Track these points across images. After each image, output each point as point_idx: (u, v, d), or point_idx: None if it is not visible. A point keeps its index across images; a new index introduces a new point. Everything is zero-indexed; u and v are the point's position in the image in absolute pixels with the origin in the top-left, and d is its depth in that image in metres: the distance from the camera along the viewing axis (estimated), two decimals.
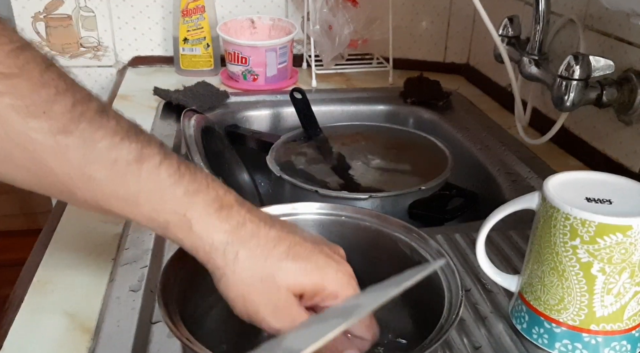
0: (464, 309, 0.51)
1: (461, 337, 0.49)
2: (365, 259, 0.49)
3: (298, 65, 1.22)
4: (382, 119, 1.06)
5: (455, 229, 0.66)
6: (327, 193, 0.72)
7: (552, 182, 0.47)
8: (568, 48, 0.86)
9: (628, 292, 0.45)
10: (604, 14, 0.78)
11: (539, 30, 0.79)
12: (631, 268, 0.44)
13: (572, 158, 0.86)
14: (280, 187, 0.77)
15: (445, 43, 1.24)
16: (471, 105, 1.07)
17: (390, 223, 0.48)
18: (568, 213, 0.44)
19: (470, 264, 0.59)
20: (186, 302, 0.42)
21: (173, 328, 0.37)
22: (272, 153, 0.83)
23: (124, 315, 0.50)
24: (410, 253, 0.47)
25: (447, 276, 0.42)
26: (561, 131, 0.80)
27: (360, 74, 1.20)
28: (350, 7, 1.11)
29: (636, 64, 0.72)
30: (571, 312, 0.46)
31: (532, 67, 0.81)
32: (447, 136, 0.95)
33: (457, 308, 0.39)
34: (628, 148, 0.75)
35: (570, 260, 0.45)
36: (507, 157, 0.85)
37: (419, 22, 1.24)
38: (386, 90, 1.12)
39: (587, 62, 0.70)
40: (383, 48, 1.17)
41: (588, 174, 0.49)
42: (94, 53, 1.24)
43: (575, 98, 0.71)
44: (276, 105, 1.04)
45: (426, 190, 0.73)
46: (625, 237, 0.43)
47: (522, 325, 0.50)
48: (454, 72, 1.24)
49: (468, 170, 0.87)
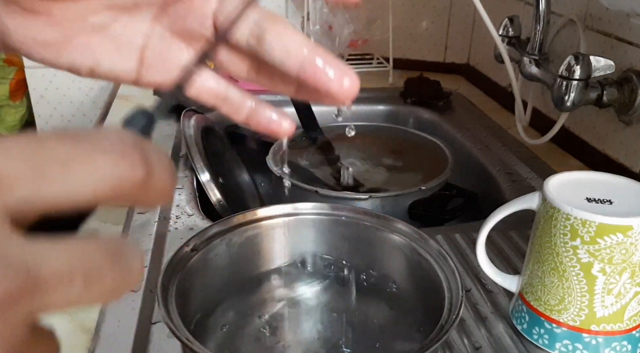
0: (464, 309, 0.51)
1: (461, 337, 0.49)
2: (365, 259, 0.49)
3: None
4: (382, 119, 1.06)
5: (455, 229, 0.66)
6: (327, 193, 0.72)
7: (552, 182, 0.47)
8: (568, 48, 0.86)
9: (628, 293, 0.45)
10: (604, 14, 0.78)
11: (539, 30, 0.79)
12: (632, 268, 0.44)
13: (572, 158, 0.86)
14: (280, 187, 0.77)
15: (445, 43, 1.24)
16: (471, 105, 1.07)
17: (390, 223, 0.48)
18: (568, 213, 0.44)
19: (470, 264, 0.59)
20: (186, 302, 0.42)
21: (173, 328, 0.36)
22: (272, 153, 0.83)
23: (124, 315, 0.50)
24: (410, 253, 0.47)
25: (447, 276, 0.42)
26: (561, 131, 0.80)
27: (360, 74, 1.18)
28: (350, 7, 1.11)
29: (636, 64, 0.72)
30: (572, 312, 0.46)
31: (532, 67, 0.81)
32: (447, 136, 0.95)
33: (457, 309, 0.38)
34: (628, 148, 0.75)
35: (570, 260, 0.45)
36: (507, 157, 0.85)
37: (419, 22, 1.24)
38: (386, 90, 1.12)
39: (587, 62, 0.70)
40: (383, 48, 1.17)
41: (588, 174, 0.49)
42: None
43: (576, 98, 0.71)
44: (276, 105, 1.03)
45: (426, 190, 0.73)
46: (625, 237, 0.43)
47: (523, 325, 0.50)
48: (454, 72, 1.24)
49: (468, 170, 0.87)
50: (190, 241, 0.44)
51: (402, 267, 0.48)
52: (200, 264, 0.44)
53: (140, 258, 0.18)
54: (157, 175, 0.18)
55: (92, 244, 0.17)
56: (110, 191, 0.17)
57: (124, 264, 0.18)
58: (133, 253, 0.18)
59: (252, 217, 0.48)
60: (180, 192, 0.72)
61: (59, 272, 0.16)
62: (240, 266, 0.48)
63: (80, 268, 0.16)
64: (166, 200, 0.20)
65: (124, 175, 0.17)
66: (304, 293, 0.51)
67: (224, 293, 0.47)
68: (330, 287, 0.50)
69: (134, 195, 0.18)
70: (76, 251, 0.16)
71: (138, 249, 0.19)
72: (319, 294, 0.51)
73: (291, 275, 0.50)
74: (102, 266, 0.17)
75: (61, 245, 0.16)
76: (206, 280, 0.45)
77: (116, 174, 0.17)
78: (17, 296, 0.15)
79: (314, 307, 0.50)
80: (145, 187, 0.18)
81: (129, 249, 0.18)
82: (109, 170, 0.17)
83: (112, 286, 0.17)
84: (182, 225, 0.65)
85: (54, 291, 0.15)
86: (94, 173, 0.17)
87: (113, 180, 0.17)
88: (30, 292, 0.15)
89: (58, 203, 0.17)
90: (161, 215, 0.67)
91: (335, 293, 0.50)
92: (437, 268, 0.43)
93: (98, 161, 0.17)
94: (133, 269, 0.18)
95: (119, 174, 0.17)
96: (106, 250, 0.17)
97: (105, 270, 0.17)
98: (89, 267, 0.16)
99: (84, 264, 0.16)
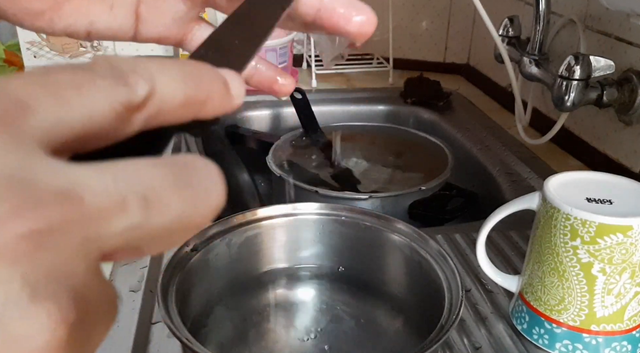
0: (464, 309, 0.51)
1: (461, 338, 0.49)
2: (365, 259, 0.49)
3: (298, 66, 1.22)
4: (382, 119, 1.06)
5: (455, 229, 0.66)
6: (327, 193, 0.72)
7: (552, 182, 0.47)
8: (568, 48, 0.86)
9: (628, 293, 0.45)
10: (604, 14, 0.78)
11: (539, 30, 0.79)
12: (632, 268, 0.44)
13: (572, 158, 0.86)
14: (280, 187, 0.77)
15: (445, 43, 1.24)
16: (471, 105, 1.07)
17: (390, 223, 0.48)
18: (568, 213, 0.44)
19: (470, 264, 0.59)
20: (186, 302, 0.42)
21: (173, 328, 0.36)
22: (272, 153, 0.83)
23: (124, 315, 0.50)
24: (410, 253, 0.47)
25: (447, 276, 0.42)
26: (561, 131, 0.80)
27: (360, 74, 1.20)
28: None
29: (636, 64, 0.72)
30: (572, 312, 0.46)
31: (532, 67, 0.81)
32: (447, 136, 0.95)
33: (457, 309, 0.38)
34: (628, 148, 0.75)
35: (570, 260, 0.45)
36: (507, 157, 0.85)
37: (419, 22, 1.24)
38: (386, 90, 1.12)
39: (587, 62, 0.70)
40: (383, 48, 1.17)
41: (588, 174, 0.49)
42: (93, 53, 1.24)
43: (576, 98, 0.71)
44: (276, 105, 1.04)
45: (426, 190, 0.73)
46: (625, 237, 0.43)
47: (523, 325, 0.50)
48: (454, 72, 1.24)
49: (468, 170, 0.87)
50: (190, 241, 0.44)
51: (402, 267, 0.48)
52: (200, 264, 0.44)
53: (216, 179, 0.16)
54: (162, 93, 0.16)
55: (146, 163, 0.15)
56: (125, 111, 0.15)
57: (195, 185, 0.15)
58: (207, 171, 0.16)
59: (252, 217, 0.48)
60: None
61: (106, 194, 0.13)
62: (240, 266, 0.48)
63: (133, 190, 0.14)
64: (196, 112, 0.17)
65: (127, 96, 0.15)
66: (303, 294, 0.51)
67: (224, 293, 0.47)
68: (330, 287, 0.50)
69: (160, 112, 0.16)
70: (127, 171, 0.14)
71: (214, 168, 0.16)
72: (318, 294, 0.51)
73: (291, 275, 0.50)
74: (162, 187, 0.14)
75: (107, 166, 0.14)
76: (206, 280, 0.45)
77: (120, 95, 0.15)
78: (62, 225, 0.13)
79: (314, 307, 0.50)
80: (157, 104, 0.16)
81: (201, 167, 0.16)
82: (113, 91, 0.15)
83: (183, 212, 0.15)
84: None
85: (105, 219, 0.13)
86: (105, 94, 0.15)
87: (117, 101, 0.15)
88: (77, 219, 0.13)
89: (84, 127, 0.15)
90: None
91: (335, 293, 0.50)
92: (437, 268, 0.43)
93: (103, 83, 0.15)
94: (209, 191, 0.15)
95: (121, 95, 0.15)
96: (167, 168, 0.15)
97: (168, 192, 0.14)
98: (144, 188, 0.14)
99: (138, 185, 0.14)
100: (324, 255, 0.50)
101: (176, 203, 0.15)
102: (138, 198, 0.14)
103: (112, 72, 0.15)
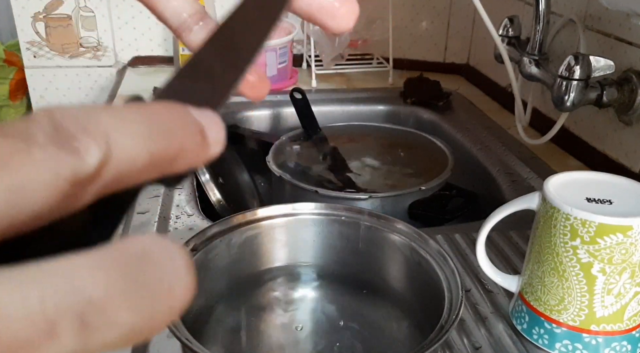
0: (464, 309, 0.51)
1: (461, 338, 0.49)
2: (365, 259, 0.49)
3: (298, 66, 1.22)
4: (382, 119, 1.06)
5: (455, 229, 0.66)
6: (327, 193, 0.72)
7: (552, 182, 0.47)
8: (568, 48, 0.86)
9: (628, 293, 0.45)
10: (604, 14, 0.78)
11: (539, 30, 0.79)
12: (631, 268, 0.44)
13: (572, 158, 0.86)
14: (280, 187, 0.77)
15: (445, 43, 1.24)
16: (471, 106, 1.07)
17: (390, 223, 0.48)
18: (568, 213, 0.44)
19: (470, 264, 0.59)
20: None
21: (173, 328, 0.36)
22: (272, 153, 0.83)
23: None
24: (410, 254, 0.47)
25: (447, 276, 0.42)
26: (561, 131, 0.80)
27: (360, 74, 1.20)
28: None
29: (636, 64, 0.72)
30: (571, 312, 0.46)
31: (532, 67, 0.81)
32: (447, 136, 0.95)
33: (457, 309, 0.38)
34: (628, 148, 0.75)
35: (570, 260, 0.45)
36: (507, 157, 0.85)
37: (419, 22, 1.24)
38: (386, 90, 1.12)
39: (587, 62, 0.70)
40: (383, 48, 1.17)
41: (588, 174, 0.49)
42: (93, 53, 1.24)
43: (576, 98, 0.71)
44: (276, 105, 1.04)
45: (426, 190, 0.73)
46: (625, 237, 0.43)
47: (523, 325, 0.50)
48: (454, 72, 1.24)
49: (468, 170, 0.87)
50: (190, 241, 0.44)
51: (402, 267, 0.48)
52: (200, 264, 0.44)
53: (182, 270, 0.13)
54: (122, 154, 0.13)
55: (87, 263, 0.12)
56: (71, 187, 0.12)
57: (152, 285, 0.12)
58: (170, 261, 0.13)
59: (251, 217, 0.48)
60: (180, 192, 0.72)
61: (28, 321, 0.10)
62: (240, 266, 0.48)
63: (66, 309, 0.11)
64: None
65: (73, 168, 0.12)
66: (303, 293, 0.51)
67: (224, 293, 0.47)
68: (329, 287, 0.50)
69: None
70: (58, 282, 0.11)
71: (179, 255, 0.13)
72: (318, 294, 0.51)
73: (291, 275, 0.50)
74: (108, 296, 0.11)
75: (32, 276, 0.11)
76: (206, 280, 0.45)
77: (64, 168, 0.12)
78: None
79: (314, 307, 0.51)
80: None
81: (161, 257, 0.12)
82: (55, 164, 0.12)
83: (135, 325, 0.12)
84: (182, 225, 0.65)
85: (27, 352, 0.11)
86: (44, 168, 0.12)
87: (59, 176, 0.12)
88: None
89: (13, 212, 0.12)
90: (161, 215, 0.67)
91: (335, 293, 0.50)
92: (437, 268, 0.43)
93: (41, 155, 0.12)
94: (172, 288, 0.12)
95: (64, 168, 0.12)
96: (114, 269, 0.12)
97: (115, 302, 0.11)
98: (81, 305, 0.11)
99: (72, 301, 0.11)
100: (324, 255, 0.50)
101: (125, 316, 0.11)
102: (72, 320, 0.11)
103: (54, 136, 0.12)
